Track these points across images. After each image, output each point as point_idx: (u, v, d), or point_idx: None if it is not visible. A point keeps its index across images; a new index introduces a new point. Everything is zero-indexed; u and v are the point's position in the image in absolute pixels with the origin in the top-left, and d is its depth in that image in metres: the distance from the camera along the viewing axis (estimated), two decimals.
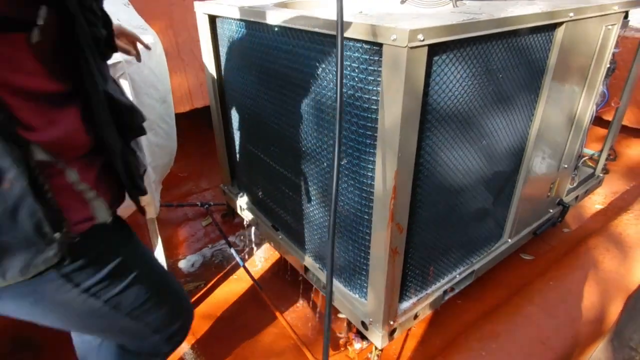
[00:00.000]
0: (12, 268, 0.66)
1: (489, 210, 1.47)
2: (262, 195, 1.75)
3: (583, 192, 1.98)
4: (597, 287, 1.59)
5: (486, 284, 1.79)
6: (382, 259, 1.15)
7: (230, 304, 1.84)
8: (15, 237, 0.65)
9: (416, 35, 0.86)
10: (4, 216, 0.63)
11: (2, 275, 0.66)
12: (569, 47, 1.32)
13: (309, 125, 1.28)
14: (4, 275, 0.66)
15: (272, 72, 1.35)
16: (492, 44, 1.09)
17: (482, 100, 1.16)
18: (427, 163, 1.12)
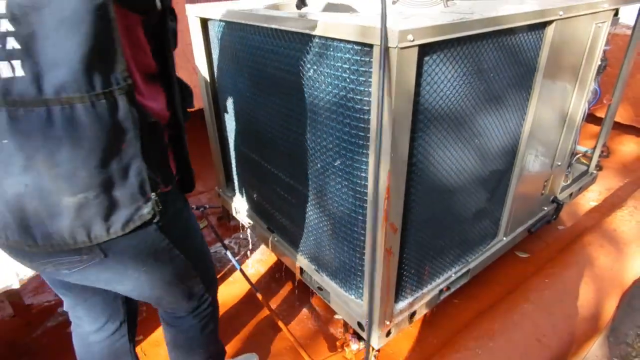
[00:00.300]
0: (116, 222, 0.75)
1: (483, 209, 1.47)
2: (256, 197, 1.75)
3: (577, 189, 1.98)
4: (592, 284, 1.60)
5: (482, 282, 1.80)
6: (377, 260, 1.15)
7: (227, 307, 1.84)
8: (124, 193, 0.74)
9: (406, 36, 0.86)
10: (119, 173, 0.72)
11: (107, 230, 0.74)
12: (560, 45, 1.32)
13: (301, 126, 1.28)
14: (108, 229, 0.74)
15: (264, 74, 1.35)
16: (483, 43, 1.09)
17: (474, 100, 1.16)
18: (420, 163, 1.12)
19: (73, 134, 0.66)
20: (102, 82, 0.66)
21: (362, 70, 0.98)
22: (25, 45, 0.61)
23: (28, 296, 1.89)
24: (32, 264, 0.81)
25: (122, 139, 0.70)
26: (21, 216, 0.70)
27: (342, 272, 1.36)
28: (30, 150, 0.66)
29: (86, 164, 0.68)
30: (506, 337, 1.35)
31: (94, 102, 0.66)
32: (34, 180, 0.67)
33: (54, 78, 0.63)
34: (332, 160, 1.20)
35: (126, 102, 0.69)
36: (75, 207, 0.70)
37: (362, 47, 0.96)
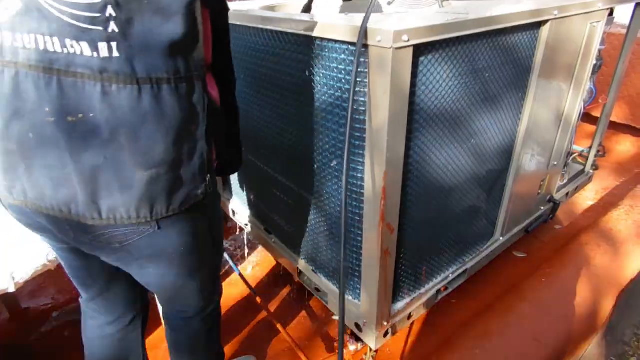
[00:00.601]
0: (176, 200, 0.80)
1: (480, 209, 1.47)
2: (254, 198, 1.75)
3: (573, 188, 1.99)
4: (589, 283, 1.60)
5: (480, 282, 1.80)
6: (374, 260, 1.15)
7: (224, 309, 1.83)
8: (187, 172, 0.80)
9: (401, 36, 0.87)
10: (187, 152, 0.78)
11: (168, 206, 0.80)
12: (555, 45, 1.33)
13: (297, 127, 1.28)
14: (169, 206, 0.80)
15: (260, 75, 1.35)
16: (478, 43, 1.09)
17: (470, 100, 1.16)
18: (416, 163, 1.12)
19: (157, 111, 0.72)
20: (185, 68, 0.74)
21: (359, 71, 0.98)
22: (122, 30, 0.68)
23: (25, 300, 1.89)
24: (87, 236, 0.83)
25: (194, 121, 0.77)
26: (93, 188, 0.75)
27: (339, 273, 1.36)
28: (117, 123, 0.71)
29: (163, 141, 0.75)
30: (504, 336, 1.35)
31: (178, 84, 0.73)
32: (113, 152, 0.73)
33: (146, 60, 0.70)
34: (329, 161, 1.20)
35: (201, 88, 0.77)
36: (147, 181, 0.76)
37: None
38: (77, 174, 0.74)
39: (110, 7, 0.66)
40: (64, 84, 0.69)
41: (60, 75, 0.69)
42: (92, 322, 1.16)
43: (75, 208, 0.77)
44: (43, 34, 0.67)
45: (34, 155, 0.74)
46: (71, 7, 0.66)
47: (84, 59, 0.68)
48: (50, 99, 0.70)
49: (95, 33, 0.67)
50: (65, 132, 0.71)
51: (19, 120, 0.73)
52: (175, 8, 0.69)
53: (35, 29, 0.68)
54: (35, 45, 0.68)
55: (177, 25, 0.70)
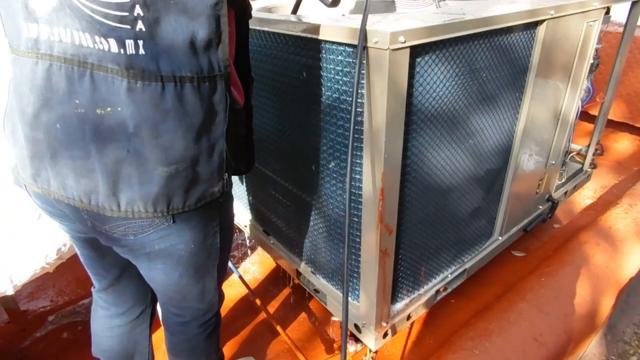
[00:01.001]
0: (193, 197, 0.82)
1: (478, 209, 1.47)
2: (252, 200, 1.75)
3: (572, 187, 1.99)
4: (588, 282, 1.60)
5: (479, 282, 1.80)
6: (373, 261, 1.15)
7: (224, 310, 1.83)
8: (206, 170, 0.81)
9: (397, 37, 0.87)
10: (207, 150, 0.79)
11: (184, 202, 0.81)
12: (551, 44, 1.33)
13: (296, 129, 1.28)
14: (185, 202, 0.81)
15: (258, 77, 1.35)
16: (475, 43, 1.09)
17: (467, 100, 1.16)
18: (414, 164, 1.12)
19: (179, 108, 0.74)
20: (209, 67, 0.75)
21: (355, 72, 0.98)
22: (149, 29, 0.69)
23: (23, 302, 1.88)
24: (104, 226, 0.85)
25: (213, 120, 0.79)
26: (114, 180, 0.77)
27: (339, 274, 1.36)
28: (140, 119, 0.73)
29: (184, 138, 0.76)
30: (503, 336, 1.35)
31: (200, 83, 0.75)
32: (136, 147, 0.74)
33: (170, 58, 0.71)
34: (327, 162, 1.20)
35: (223, 87, 0.78)
36: (166, 176, 0.77)
37: (356, 49, 0.96)
38: (100, 166, 0.76)
39: (139, 7, 0.68)
40: (96, 77, 0.72)
41: (93, 69, 0.71)
42: (102, 312, 1.19)
43: (95, 199, 0.79)
44: (77, 30, 0.70)
45: (59, 146, 0.77)
46: (101, 6, 0.68)
47: (112, 55, 0.70)
48: (82, 91, 0.72)
49: (123, 31, 0.69)
50: (92, 124, 0.74)
51: (48, 111, 0.75)
52: (201, 8, 0.70)
53: (70, 24, 0.70)
54: (71, 40, 0.71)
55: (203, 25, 0.71)
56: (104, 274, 1.12)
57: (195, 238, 0.92)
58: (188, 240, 0.91)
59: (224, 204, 0.97)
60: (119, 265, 1.10)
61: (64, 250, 1.30)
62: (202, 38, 0.72)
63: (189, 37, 0.71)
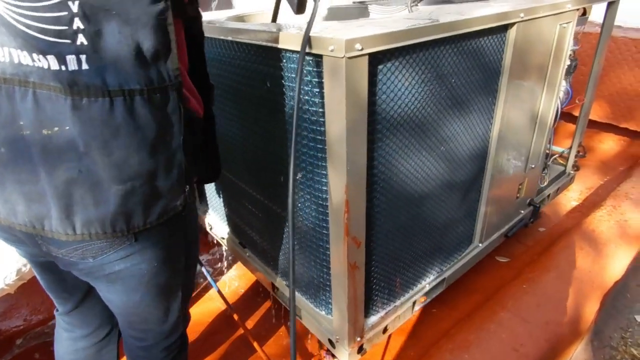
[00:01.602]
0: (154, 213, 0.78)
1: (455, 216, 1.44)
2: (228, 211, 1.71)
3: (554, 190, 1.96)
4: (572, 288, 1.57)
5: (462, 289, 1.76)
6: (342, 275, 1.11)
7: (202, 325, 1.79)
8: (165, 184, 0.78)
9: (353, 45, 0.83)
10: (164, 164, 0.76)
11: (145, 219, 0.78)
12: (524, 47, 1.30)
13: (263, 139, 1.25)
14: (146, 219, 0.78)
15: (226, 87, 1.32)
16: (442, 48, 1.06)
17: (436, 107, 1.13)
18: (382, 174, 1.08)
19: (131, 123, 0.70)
20: (159, 78, 0.72)
21: (316, 81, 0.95)
22: (92, 42, 0.66)
23: None
24: (60, 250, 0.81)
25: (169, 132, 0.76)
26: (67, 203, 0.73)
27: (312, 288, 1.32)
28: (89, 137, 0.69)
29: (138, 153, 0.73)
30: (482, 348, 1.31)
31: (151, 95, 0.71)
32: (88, 166, 0.71)
33: (117, 71, 0.68)
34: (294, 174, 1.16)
35: (175, 97, 0.75)
36: (123, 194, 0.74)
37: (314, 58, 0.92)
38: (51, 189, 0.72)
39: (78, 20, 0.65)
40: (39, 96, 0.68)
41: (35, 88, 0.68)
42: (66, 334, 1.14)
43: (48, 224, 0.75)
44: (15, 47, 0.66)
45: (6, 170, 0.73)
46: (36, 21, 0.64)
47: (53, 73, 0.67)
48: (26, 112, 0.68)
49: (63, 46, 0.65)
50: (40, 146, 0.70)
51: None
52: (146, 18, 0.68)
53: (7, 42, 0.66)
54: (10, 58, 0.67)
55: (148, 35, 0.69)
56: (66, 297, 1.07)
57: (158, 256, 0.88)
58: (151, 258, 0.87)
59: (188, 218, 0.93)
60: (82, 287, 1.06)
61: (24, 270, 1.26)
62: (149, 49, 0.69)
63: (135, 49, 0.68)
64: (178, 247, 0.93)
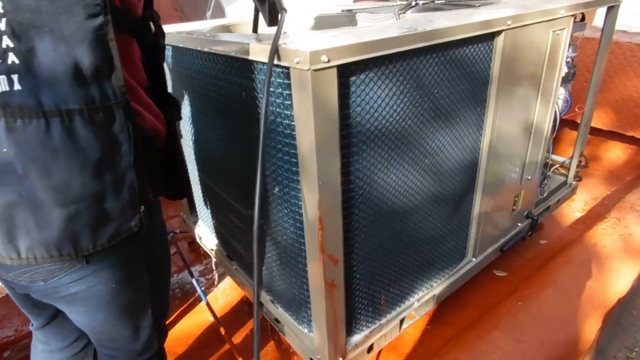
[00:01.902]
0: (104, 235, 0.75)
1: (445, 230, 1.39)
2: (216, 223, 1.68)
3: (555, 201, 1.89)
4: (570, 306, 1.50)
5: (457, 304, 1.70)
6: (320, 294, 1.07)
7: (190, 339, 1.76)
8: (115, 205, 0.74)
9: (319, 57, 0.80)
10: (112, 185, 0.73)
11: (94, 242, 0.75)
12: (513, 55, 1.25)
13: (243, 152, 1.22)
14: (95, 241, 0.75)
15: (207, 99, 1.30)
16: (421, 58, 1.02)
17: (418, 118, 1.09)
18: (360, 189, 1.04)
19: (70, 145, 0.67)
20: (101, 96, 0.69)
21: (286, 94, 0.92)
22: (24, 61, 0.63)
23: None
24: (8, 274, 0.79)
25: (116, 152, 0.73)
26: (9, 226, 0.71)
27: (294, 304, 1.28)
28: (27, 160, 0.67)
29: (80, 175, 0.70)
30: None
31: (93, 115, 0.68)
32: (28, 189, 0.68)
33: (53, 91, 0.65)
34: (272, 188, 1.13)
35: (122, 116, 0.72)
36: (66, 218, 0.71)
37: (283, 70, 0.89)
38: None
39: (7, 38, 0.62)
40: None
41: None
42: (42, 347, 1.12)
43: None
44: None
45: None
46: None
47: None
48: None
49: None
50: None
51: None
52: (82, 34, 0.65)
53: None
54: None
55: (87, 52, 0.66)
56: (37, 312, 1.05)
57: (116, 277, 0.85)
58: (108, 279, 0.84)
59: (150, 237, 0.90)
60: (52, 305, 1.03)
61: None
62: (89, 66, 0.66)
63: (73, 66, 0.65)
64: (138, 266, 0.90)
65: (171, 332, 1.79)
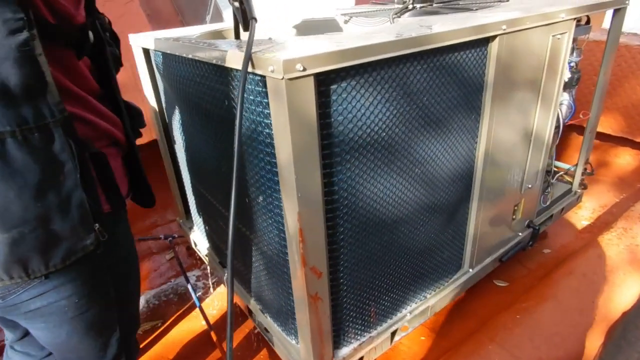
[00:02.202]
0: (56, 256, 0.73)
1: (439, 241, 1.35)
2: (208, 229, 1.67)
3: (558, 210, 1.83)
4: (570, 320, 1.44)
5: (455, 315, 1.66)
6: (304, 306, 1.04)
7: (185, 345, 1.75)
8: (64, 226, 0.72)
9: (294, 65, 0.77)
10: (58, 206, 0.70)
11: (46, 263, 0.73)
12: (509, 61, 1.21)
13: (229, 160, 1.20)
14: (47, 263, 0.73)
15: (195, 105, 1.28)
16: (408, 65, 0.99)
17: (406, 127, 1.05)
18: (344, 200, 1.01)
19: (4, 169, 0.65)
20: (35, 116, 0.66)
21: (265, 102, 0.89)
22: None
23: None
24: None
25: (59, 172, 0.70)
26: None
27: (282, 315, 1.26)
28: None
29: (19, 199, 0.67)
30: None
31: (27, 136, 0.65)
32: None
33: None
34: (256, 197, 1.10)
35: (62, 134, 0.69)
36: (9, 242, 0.68)
37: (261, 78, 0.87)
38: None
39: None
40: None
41: None
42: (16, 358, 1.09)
43: None
44: None
45: None
46: None
47: None
48: None
49: None
50: None
51: None
52: (4, 53, 0.61)
53: None
54: None
55: (11, 70, 0.62)
56: (12, 325, 1.01)
57: (79, 292, 0.83)
58: (70, 294, 0.82)
59: (114, 251, 0.88)
60: None
61: None
62: (17, 84, 0.63)
63: None
64: (102, 281, 0.88)
65: (165, 337, 1.79)
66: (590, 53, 2.28)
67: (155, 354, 1.71)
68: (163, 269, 2.21)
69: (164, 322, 1.87)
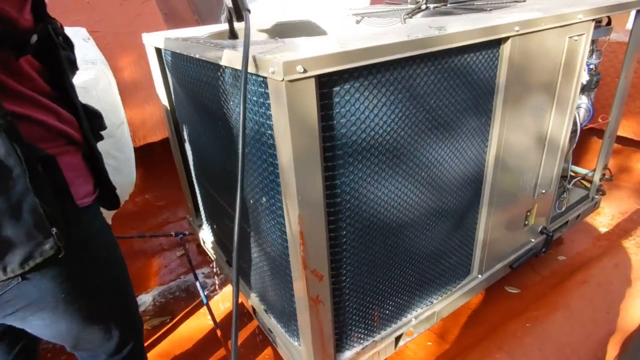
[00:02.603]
0: (12, 262, 0.73)
1: (447, 246, 1.32)
2: (215, 228, 1.68)
3: (574, 216, 1.78)
4: (582, 330, 1.40)
5: (463, 322, 1.63)
6: (305, 309, 1.03)
7: (193, 341, 1.76)
8: (17, 232, 0.71)
9: (294, 67, 0.76)
10: (8, 212, 0.69)
11: (3, 270, 0.72)
12: (522, 63, 1.17)
13: (233, 160, 1.20)
14: (4, 269, 0.72)
15: (202, 105, 1.29)
16: (414, 67, 0.97)
17: (412, 130, 1.04)
18: (347, 203, 1.00)
19: None
20: None
21: (267, 104, 0.89)
22: None
23: None
24: None
25: (8, 177, 0.68)
26: None
27: (285, 316, 1.25)
28: None
29: None
30: None
31: None
32: None
33: None
34: (260, 197, 1.10)
35: (6, 139, 0.67)
36: None
37: (264, 79, 0.86)
38: None
39: None
40: None
41: None
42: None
43: None
44: None
45: None
46: None
47: None
48: None
49: None
50: None
51: None
52: None
53: None
54: None
55: None
56: None
57: (63, 288, 0.83)
58: (55, 291, 0.82)
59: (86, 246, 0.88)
60: None
61: None
62: None
63: None
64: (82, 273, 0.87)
65: (173, 333, 1.81)
66: (612, 55, 2.21)
67: (163, 350, 1.73)
68: (173, 265, 2.24)
69: (172, 318, 1.89)
